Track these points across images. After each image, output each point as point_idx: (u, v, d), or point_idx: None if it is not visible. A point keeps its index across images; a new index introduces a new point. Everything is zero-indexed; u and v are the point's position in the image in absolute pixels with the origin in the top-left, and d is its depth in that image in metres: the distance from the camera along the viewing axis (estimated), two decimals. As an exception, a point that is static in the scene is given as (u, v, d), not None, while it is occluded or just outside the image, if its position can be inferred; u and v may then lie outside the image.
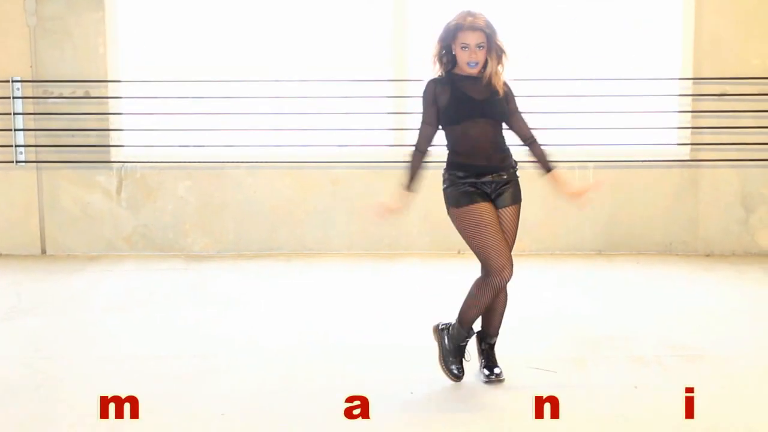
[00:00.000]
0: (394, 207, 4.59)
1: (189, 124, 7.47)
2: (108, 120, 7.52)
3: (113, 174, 7.57)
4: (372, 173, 7.49)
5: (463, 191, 4.48)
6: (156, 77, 7.50)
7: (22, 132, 7.48)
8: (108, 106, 7.50)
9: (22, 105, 7.46)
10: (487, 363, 4.71)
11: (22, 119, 7.48)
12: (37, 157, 7.53)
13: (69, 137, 7.50)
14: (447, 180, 4.55)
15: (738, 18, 7.31)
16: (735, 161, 7.40)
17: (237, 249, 7.61)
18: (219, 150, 7.52)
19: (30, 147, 7.51)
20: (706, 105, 7.35)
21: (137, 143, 7.59)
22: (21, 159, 7.50)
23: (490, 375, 4.67)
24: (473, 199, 4.45)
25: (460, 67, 4.48)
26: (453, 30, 4.42)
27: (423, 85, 4.56)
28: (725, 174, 7.45)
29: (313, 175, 7.56)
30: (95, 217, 7.61)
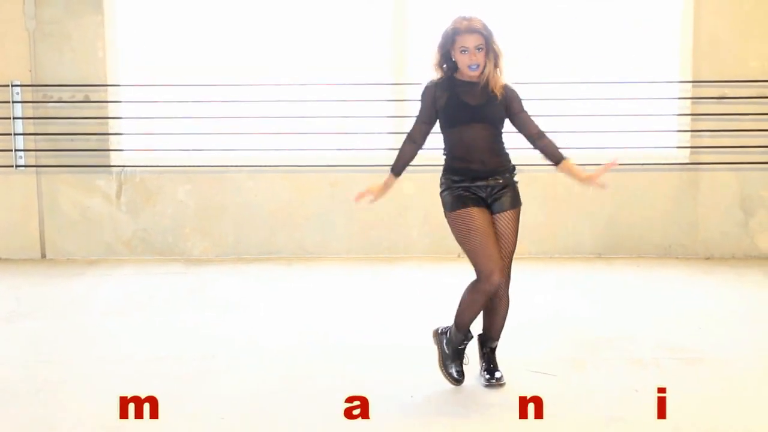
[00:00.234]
0: (376, 190, 4.67)
1: (188, 128, 7.48)
2: (107, 124, 7.52)
3: (113, 178, 7.58)
4: (371, 176, 7.41)
5: (457, 195, 4.50)
6: (155, 81, 7.51)
7: (21, 136, 7.49)
8: (107, 110, 7.51)
9: (21, 109, 7.47)
10: (488, 367, 4.72)
11: (21, 123, 7.48)
12: (37, 162, 7.54)
13: (68, 141, 7.50)
14: (443, 184, 4.58)
15: (736, 20, 7.31)
16: (734, 164, 7.40)
17: (236, 253, 7.61)
18: (218, 154, 7.53)
19: (29, 151, 7.51)
20: (705, 108, 7.36)
21: (137, 147, 7.60)
22: (20, 163, 7.50)
23: (490, 379, 4.67)
24: (466, 204, 4.48)
25: (461, 72, 4.50)
26: (451, 35, 4.44)
27: (422, 87, 4.58)
28: (725, 177, 7.45)
29: (313, 179, 7.57)
30: (95, 221, 7.61)
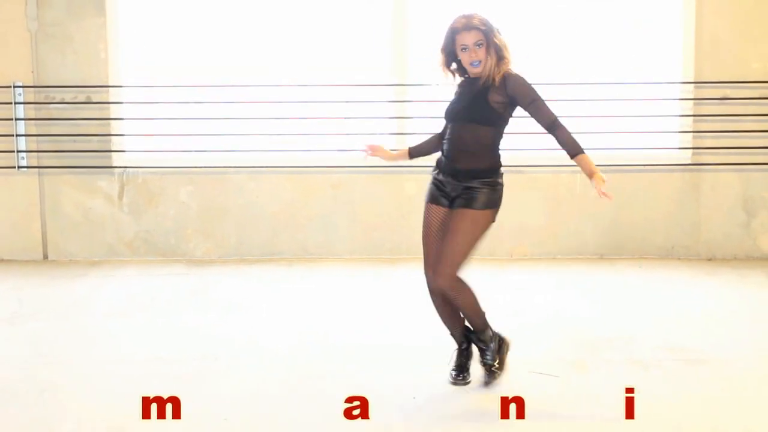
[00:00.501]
0: (386, 154, 4.79)
1: (190, 129, 7.49)
2: (109, 125, 7.53)
3: (115, 179, 7.59)
4: (373, 178, 7.50)
5: (429, 187, 4.59)
6: (157, 82, 7.52)
7: (23, 137, 7.50)
8: (109, 111, 7.52)
9: (23, 110, 7.48)
10: (482, 359, 4.66)
11: (23, 125, 7.49)
12: (39, 163, 7.55)
13: (71, 142, 7.51)
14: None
15: (738, 21, 7.32)
16: (736, 165, 7.40)
17: (239, 254, 7.62)
18: (220, 155, 7.54)
19: (32, 152, 7.53)
20: (707, 109, 7.36)
21: (139, 148, 7.61)
22: (23, 164, 7.52)
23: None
24: (428, 197, 4.57)
25: (467, 71, 4.51)
26: (450, 35, 4.45)
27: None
28: (727, 178, 7.45)
29: (315, 180, 7.58)
30: (97, 223, 7.62)
